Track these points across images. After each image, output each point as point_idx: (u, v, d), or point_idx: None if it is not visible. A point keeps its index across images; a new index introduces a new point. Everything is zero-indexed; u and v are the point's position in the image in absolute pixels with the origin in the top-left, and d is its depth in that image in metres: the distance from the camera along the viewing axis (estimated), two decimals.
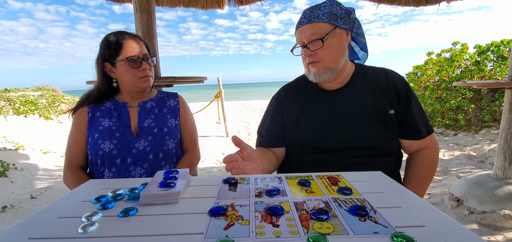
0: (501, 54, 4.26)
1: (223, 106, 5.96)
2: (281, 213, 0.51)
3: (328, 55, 0.90)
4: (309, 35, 0.89)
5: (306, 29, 0.90)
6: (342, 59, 0.92)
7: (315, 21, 0.88)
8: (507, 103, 1.90)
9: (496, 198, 1.79)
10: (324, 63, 0.90)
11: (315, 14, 0.89)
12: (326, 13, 0.89)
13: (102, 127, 1.01)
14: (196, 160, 1.16)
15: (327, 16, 0.88)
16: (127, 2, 2.74)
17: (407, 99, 0.93)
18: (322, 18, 0.88)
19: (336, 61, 0.91)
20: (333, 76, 0.93)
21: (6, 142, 3.88)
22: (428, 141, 0.95)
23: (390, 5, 2.85)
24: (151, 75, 1.06)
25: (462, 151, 3.53)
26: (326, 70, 0.91)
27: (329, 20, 0.88)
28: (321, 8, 0.90)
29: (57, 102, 6.13)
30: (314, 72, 0.92)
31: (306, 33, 0.89)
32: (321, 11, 0.89)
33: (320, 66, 0.91)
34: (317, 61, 0.91)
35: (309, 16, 0.90)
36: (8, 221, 2.07)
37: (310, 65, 0.92)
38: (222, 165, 3.64)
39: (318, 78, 0.93)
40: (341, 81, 0.97)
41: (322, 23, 0.88)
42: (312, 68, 0.92)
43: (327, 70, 0.91)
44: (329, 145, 0.92)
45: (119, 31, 1.04)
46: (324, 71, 0.91)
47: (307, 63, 0.93)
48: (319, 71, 0.91)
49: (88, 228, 0.47)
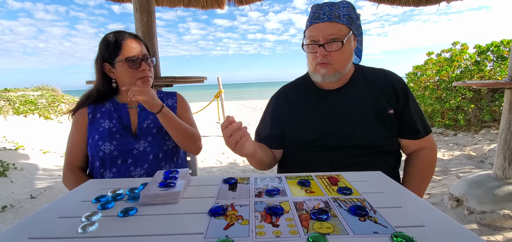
0: (501, 54, 4.26)
1: (223, 106, 5.95)
2: (281, 213, 0.51)
3: (341, 58, 0.88)
4: (328, 35, 0.85)
5: (325, 28, 0.85)
6: (350, 64, 0.93)
7: (336, 21, 0.84)
8: (507, 103, 1.90)
9: (495, 198, 1.79)
10: (335, 65, 0.88)
11: (336, 14, 0.85)
12: (346, 15, 0.86)
13: (102, 128, 1.00)
14: (197, 134, 1.12)
15: (346, 18, 0.85)
16: (127, 2, 2.74)
17: (406, 100, 0.93)
18: (342, 19, 0.85)
19: (345, 65, 0.91)
20: (337, 79, 0.93)
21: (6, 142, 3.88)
22: (426, 141, 0.95)
23: (390, 5, 2.85)
24: (151, 76, 1.05)
25: (462, 151, 3.53)
26: (335, 73, 0.90)
27: (348, 23, 0.86)
28: (340, 8, 0.86)
29: (57, 102, 6.13)
30: (323, 74, 0.89)
31: (325, 32, 0.85)
32: (341, 12, 0.85)
33: (330, 68, 0.88)
34: (329, 63, 0.88)
35: (329, 14, 0.85)
36: (8, 221, 2.07)
37: (320, 65, 0.89)
38: (222, 165, 3.64)
39: (325, 79, 0.91)
40: (341, 82, 0.97)
41: (342, 25, 0.85)
42: (322, 69, 0.89)
43: (336, 73, 0.90)
44: (328, 144, 0.93)
45: (118, 31, 1.04)
46: (332, 74, 0.89)
47: (317, 63, 0.89)
48: (329, 73, 0.89)
49: (88, 228, 0.47)
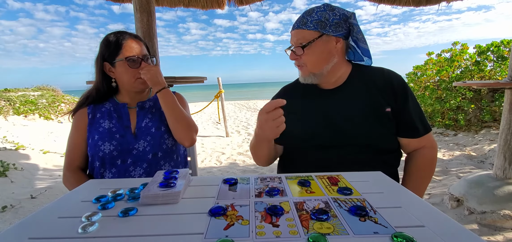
0: (501, 54, 4.26)
1: (223, 106, 5.95)
2: (281, 213, 0.51)
3: (311, 61, 0.95)
4: (295, 41, 0.95)
5: (293, 34, 0.96)
6: (328, 65, 0.95)
7: (302, 28, 0.93)
8: (507, 104, 1.90)
9: (496, 198, 1.79)
10: (308, 68, 0.96)
11: (303, 21, 0.94)
12: (315, 20, 0.92)
13: (102, 128, 1.01)
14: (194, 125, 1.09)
15: (314, 23, 0.92)
16: (127, 2, 2.74)
17: (404, 97, 0.93)
18: (309, 25, 0.92)
19: (320, 67, 0.95)
20: (318, 80, 0.98)
21: (6, 142, 3.88)
22: (425, 140, 0.95)
23: (390, 5, 2.85)
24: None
25: (462, 151, 3.53)
26: (310, 74, 0.97)
27: (316, 27, 0.92)
28: (311, 14, 0.93)
29: (57, 102, 6.13)
30: (301, 75, 1.00)
31: (293, 38, 0.96)
32: (310, 18, 0.93)
33: (304, 70, 0.97)
34: (302, 65, 0.97)
35: (298, 22, 0.95)
36: (8, 221, 2.07)
37: (297, 67, 1.00)
38: (222, 165, 3.64)
39: (304, 80, 1.00)
40: (336, 82, 0.99)
41: (308, 30, 0.92)
42: (299, 70, 1.00)
43: (311, 74, 0.97)
44: (327, 143, 0.93)
45: (119, 31, 1.04)
46: (308, 75, 0.97)
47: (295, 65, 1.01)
48: (304, 74, 0.98)
49: (88, 228, 0.47)
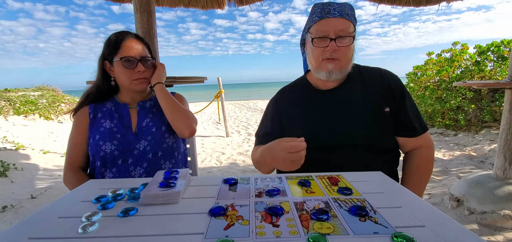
0: (501, 54, 4.26)
1: (223, 106, 5.95)
2: (281, 213, 0.51)
3: (348, 56, 0.89)
4: (339, 30, 0.85)
5: (337, 23, 0.85)
6: (351, 64, 0.94)
7: (346, 18, 0.86)
8: (507, 104, 1.90)
9: (496, 198, 1.79)
10: (342, 62, 0.88)
11: (346, 12, 0.87)
12: (352, 14, 0.89)
13: (103, 128, 1.01)
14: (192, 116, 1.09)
15: (353, 18, 0.89)
16: (127, 2, 2.74)
17: (401, 98, 0.94)
18: (351, 17, 0.87)
19: (349, 64, 0.92)
20: (339, 77, 0.93)
21: (6, 142, 3.88)
22: (423, 139, 0.95)
23: (390, 5, 2.85)
24: (147, 77, 1.05)
25: (462, 151, 3.53)
26: (341, 69, 0.89)
27: (354, 22, 0.89)
28: (346, 7, 0.88)
29: (57, 102, 6.13)
30: (330, 69, 0.88)
31: (337, 27, 0.85)
32: (349, 11, 0.88)
33: (337, 64, 0.88)
34: (337, 59, 0.87)
35: (340, 10, 0.86)
36: (8, 221, 2.07)
37: (327, 61, 0.88)
38: (222, 165, 3.63)
39: (330, 76, 0.90)
40: (337, 81, 0.98)
41: (351, 22, 0.87)
42: (329, 64, 0.87)
43: (342, 70, 0.90)
44: (326, 143, 0.93)
45: (122, 31, 1.05)
46: (339, 70, 0.89)
47: (324, 58, 0.88)
48: (335, 69, 0.88)
49: (88, 228, 0.47)
